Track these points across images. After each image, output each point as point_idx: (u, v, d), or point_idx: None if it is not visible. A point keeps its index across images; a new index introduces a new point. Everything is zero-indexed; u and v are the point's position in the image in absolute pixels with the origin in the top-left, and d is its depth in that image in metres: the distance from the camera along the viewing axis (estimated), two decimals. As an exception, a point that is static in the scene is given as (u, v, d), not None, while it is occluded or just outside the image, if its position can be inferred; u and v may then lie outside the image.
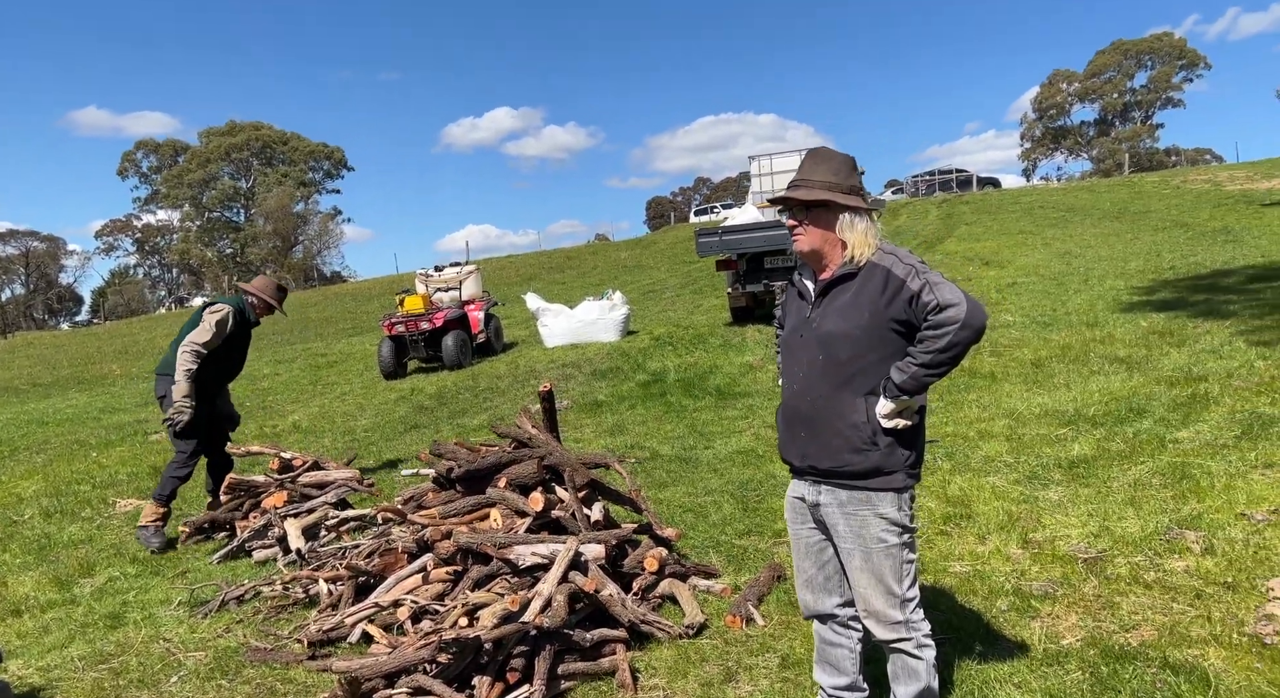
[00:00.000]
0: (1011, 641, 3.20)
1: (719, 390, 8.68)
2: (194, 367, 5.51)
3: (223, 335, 5.64)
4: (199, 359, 5.53)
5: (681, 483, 5.80)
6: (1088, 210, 23.72)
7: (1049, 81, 67.24)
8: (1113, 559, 3.76)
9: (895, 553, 2.47)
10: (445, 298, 13.67)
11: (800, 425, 2.55)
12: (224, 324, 5.63)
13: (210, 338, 5.56)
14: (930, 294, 2.35)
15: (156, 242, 69.97)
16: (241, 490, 5.68)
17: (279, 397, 12.44)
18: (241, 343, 5.93)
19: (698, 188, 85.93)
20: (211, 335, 5.57)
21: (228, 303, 5.74)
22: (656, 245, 36.25)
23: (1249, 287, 10.11)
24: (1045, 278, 13.13)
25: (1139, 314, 9.28)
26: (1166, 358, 7.24)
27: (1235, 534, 3.78)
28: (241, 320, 5.80)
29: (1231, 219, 17.87)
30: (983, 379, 7.47)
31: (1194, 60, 63.43)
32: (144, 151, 68.66)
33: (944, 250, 18.98)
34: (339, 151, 69.76)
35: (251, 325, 5.94)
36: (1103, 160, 61.56)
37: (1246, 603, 3.21)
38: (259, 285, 6.00)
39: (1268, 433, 5.01)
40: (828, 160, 2.54)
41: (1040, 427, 5.87)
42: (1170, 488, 4.44)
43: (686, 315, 15.38)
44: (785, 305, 2.74)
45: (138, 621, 4.35)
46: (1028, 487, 4.77)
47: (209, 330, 5.57)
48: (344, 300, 34.84)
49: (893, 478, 2.47)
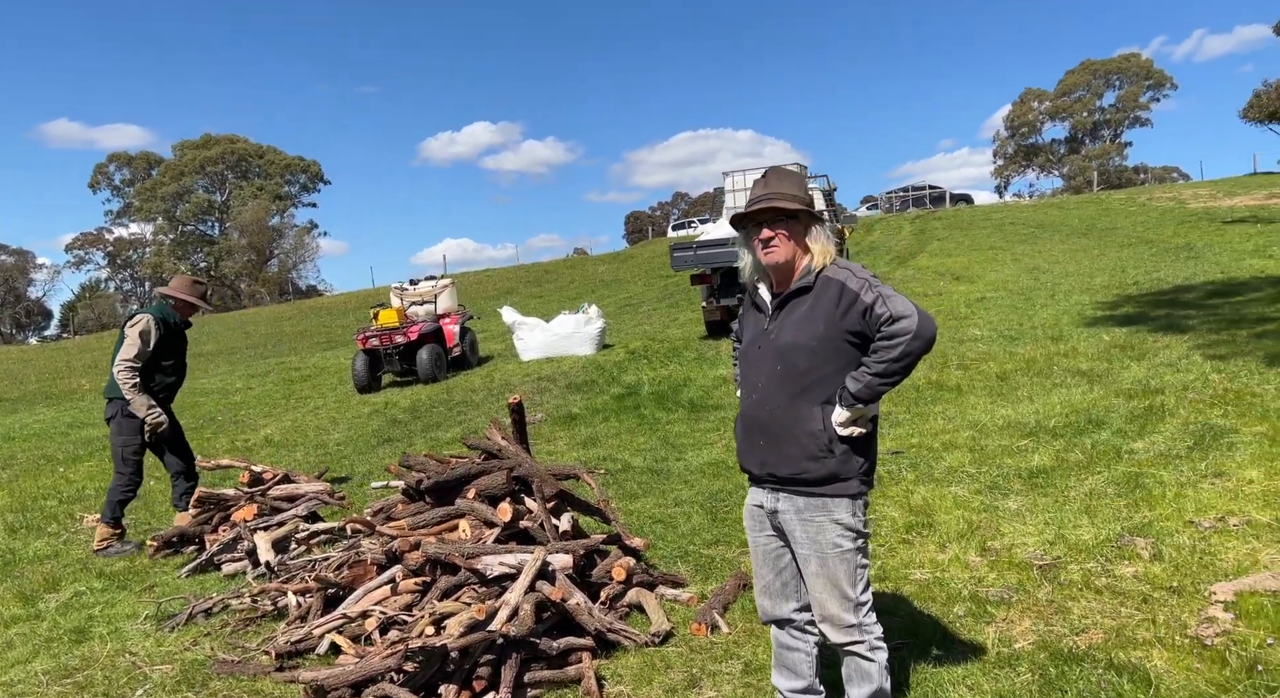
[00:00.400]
0: (966, 644, 3.29)
1: (692, 403, 8.76)
2: (135, 381, 5.58)
3: (149, 345, 5.65)
4: (136, 373, 5.59)
5: (652, 494, 5.87)
6: (1057, 227, 24.17)
7: (1021, 100, 68.53)
8: (1066, 566, 3.86)
9: (850, 558, 2.55)
10: (420, 312, 13.67)
11: (759, 434, 2.64)
12: (147, 335, 5.64)
13: (137, 351, 5.60)
14: (883, 306, 2.46)
15: (128, 255, 69.12)
16: (211, 504, 5.67)
17: (251, 411, 12.36)
18: (176, 347, 5.92)
19: (676, 202, 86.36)
20: (138, 349, 5.60)
21: (148, 312, 5.76)
22: (634, 260, 36.42)
23: (1208, 302, 10.38)
24: (1013, 293, 13.37)
25: (1102, 328, 9.50)
26: (1126, 371, 7.42)
27: (1183, 541, 3.90)
28: (167, 325, 5.79)
29: (1194, 236, 18.30)
30: (949, 392, 7.61)
31: (1161, 80, 64.94)
32: (116, 164, 68.03)
33: (916, 266, 19.27)
34: (315, 165, 69.55)
35: (182, 327, 5.95)
36: (1073, 178, 62.69)
37: (1190, 607, 3.33)
38: (176, 286, 5.99)
39: (1218, 444, 5.17)
40: (791, 176, 2.67)
41: (1003, 438, 6.00)
42: (1124, 497, 4.57)
43: (662, 329, 15.49)
44: (742, 318, 2.84)
45: (103, 635, 4.33)
46: (988, 496, 4.89)
47: (134, 345, 5.60)
48: (319, 314, 34.63)
49: (848, 485, 2.55)
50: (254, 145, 67.61)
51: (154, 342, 5.68)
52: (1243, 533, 3.91)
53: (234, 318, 40.93)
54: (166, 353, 5.81)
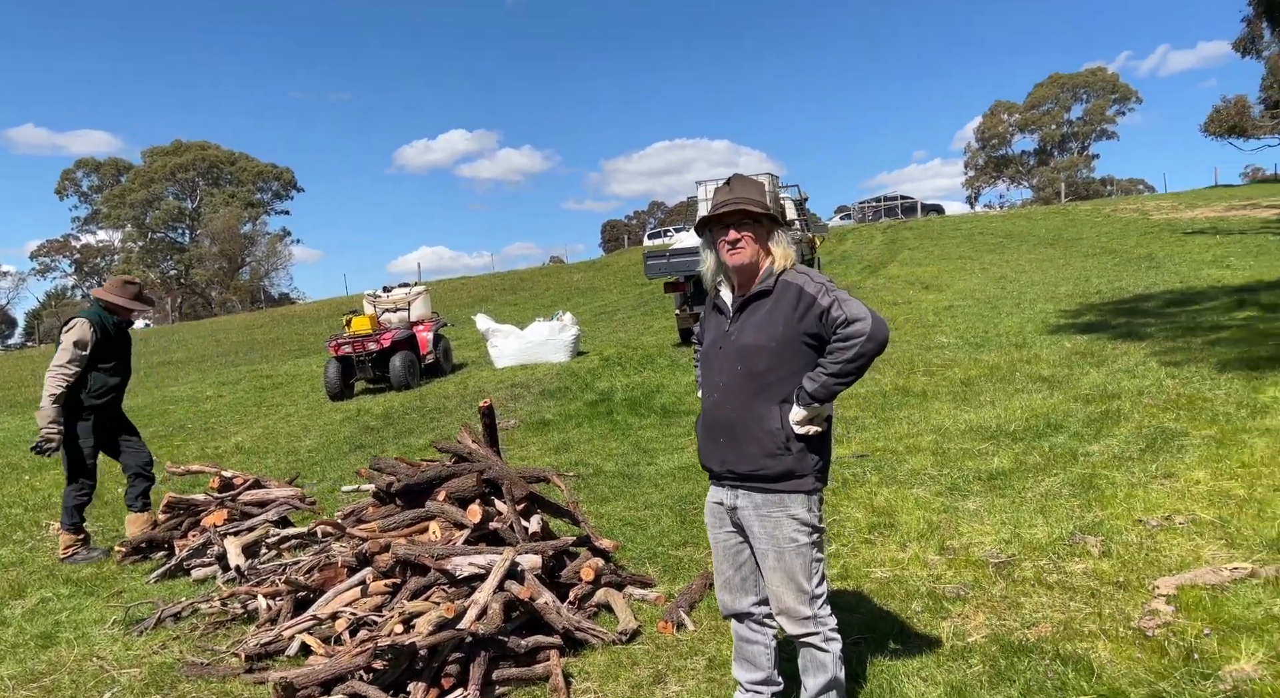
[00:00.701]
0: (923, 638, 3.40)
1: (664, 409, 8.85)
2: (58, 391, 5.48)
3: (87, 350, 5.56)
4: (66, 382, 5.50)
5: (623, 498, 5.94)
6: (1024, 237, 24.62)
7: (991, 112, 69.67)
8: (1020, 563, 3.99)
9: (805, 552, 2.65)
10: (393, 319, 13.65)
11: (720, 433, 2.73)
12: (83, 342, 5.56)
13: (70, 358, 5.50)
14: (839, 310, 2.57)
15: (96, 262, 68.03)
16: (181, 509, 5.66)
17: (222, 418, 12.28)
18: (117, 349, 5.83)
19: (653, 211, 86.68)
20: (71, 356, 5.51)
21: (83, 316, 5.67)
22: (610, 268, 36.52)
23: (1166, 310, 10.67)
24: (980, 301, 13.63)
25: (1064, 336, 9.73)
26: (1086, 377, 7.62)
27: (1131, 539, 4.05)
28: (104, 329, 5.70)
29: (1156, 247, 18.75)
30: (915, 397, 7.77)
31: (1126, 94, 66.36)
32: (84, 171, 67.07)
33: (887, 274, 19.55)
34: (288, 172, 69.00)
35: (122, 328, 5.87)
36: (1042, 189, 63.82)
37: (1135, 600, 3.46)
38: (109, 289, 5.90)
39: (1169, 446, 5.35)
40: (754, 183, 2.79)
41: (965, 442, 6.15)
42: (1078, 497, 4.72)
43: (636, 336, 15.58)
44: (704, 321, 2.94)
45: (70, 640, 4.32)
46: (949, 498, 5.02)
47: (67, 351, 5.51)
48: (291, 322, 34.33)
49: (803, 481, 2.65)
50: (226, 152, 66.98)
51: (91, 346, 5.59)
52: (1187, 531, 4.07)
53: (205, 326, 40.45)
54: (106, 355, 5.72)
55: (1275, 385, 6.34)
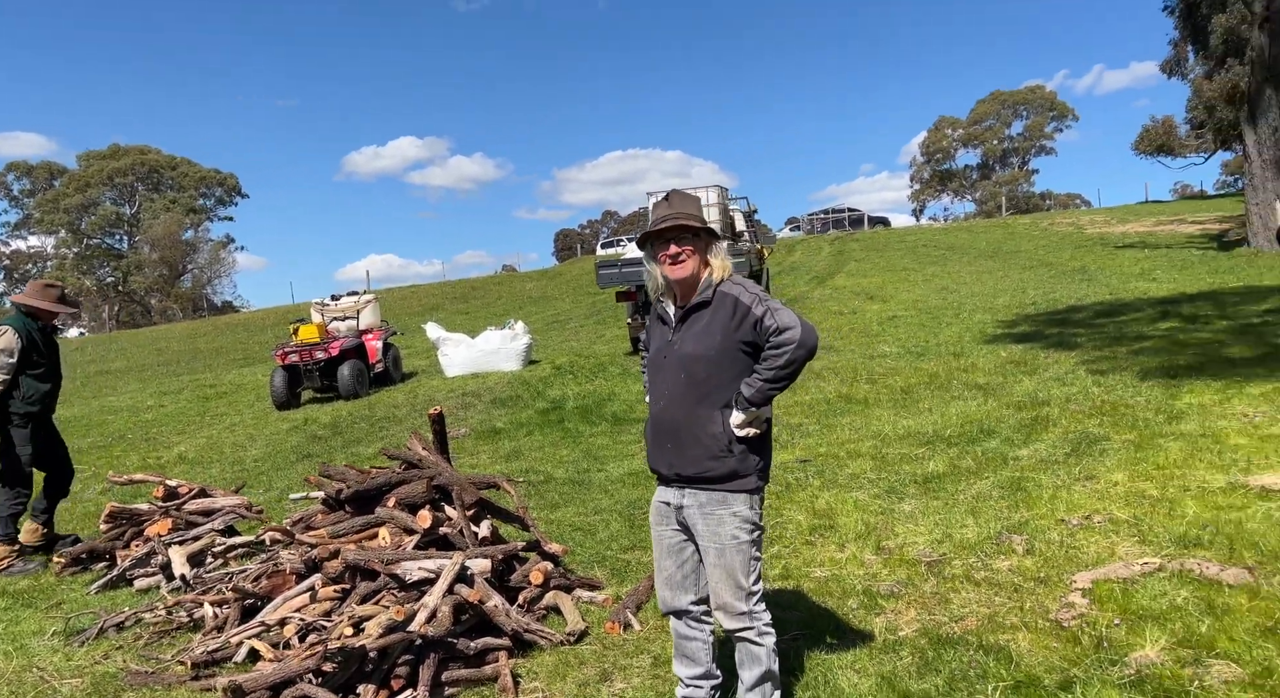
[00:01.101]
0: (857, 633, 3.56)
1: (615, 417, 8.96)
2: None
3: (13, 358, 5.54)
4: None
5: (573, 504, 6.03)
6: (966, 249, 25.40)
7: (935, 127, 71.51)
8: (951, 561, 4.20)
9: (745, 549, 2.79)
10: (342, 327, 13.54)
11: (667, 437, 2.87)
12: (9, 349, 5.54)
13: None
14: (772, 319, 2.73)
15: (27, 269, 65.60)
16: (124, 519, 5.58)
17: (164, 428, 12.03)
18: (45, 354, 5.79)
19: (606, 221, 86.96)
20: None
21: (7, 324, 5.64)
22: (563, 277, 36.57)
23: (1095, 321, 11.15)
24: (922, 312, 14.05)
25: (1000, 345, 10.11)
26: (1019, 385, 7.95)
27: (1053, 537, 4.29)
28: (29, 335, 5.67)
29: (1089, 260, 19.52)
30: (857, 404, 8.02)
31: (1063, 112, 68.76)
32: (15, 174, 64.69)
33: (833, 285, 19.98)
34: (232, 178, 67.50)
35: (48, 333, 5.85)
36: (985, 203, 65.69)
37: (1054, 594, 3.68)
38: (30, 294, 5.87)
39: (1092, 450, 5.64)
40: (693, 199, 2.96)
41: (903, 447, 6.39)
42: (1006, 499, 4.96)
43: (589, 345, 15.68)
44: (649, 330, 3.08)
45: (8, 651, 4.25)
46: (886, 500, 5.22)
47: None
48: (235, 331, 33.63)
49: (746, 480, 2.80)
50: (166, 157, 65.26)
51: (18, 353, 5.55)
52: (1104, 529, 4.32)
53: (144, 334, 39.36)
54: (34, 362, 5.67)
55: (1191, 393, 6.72)
